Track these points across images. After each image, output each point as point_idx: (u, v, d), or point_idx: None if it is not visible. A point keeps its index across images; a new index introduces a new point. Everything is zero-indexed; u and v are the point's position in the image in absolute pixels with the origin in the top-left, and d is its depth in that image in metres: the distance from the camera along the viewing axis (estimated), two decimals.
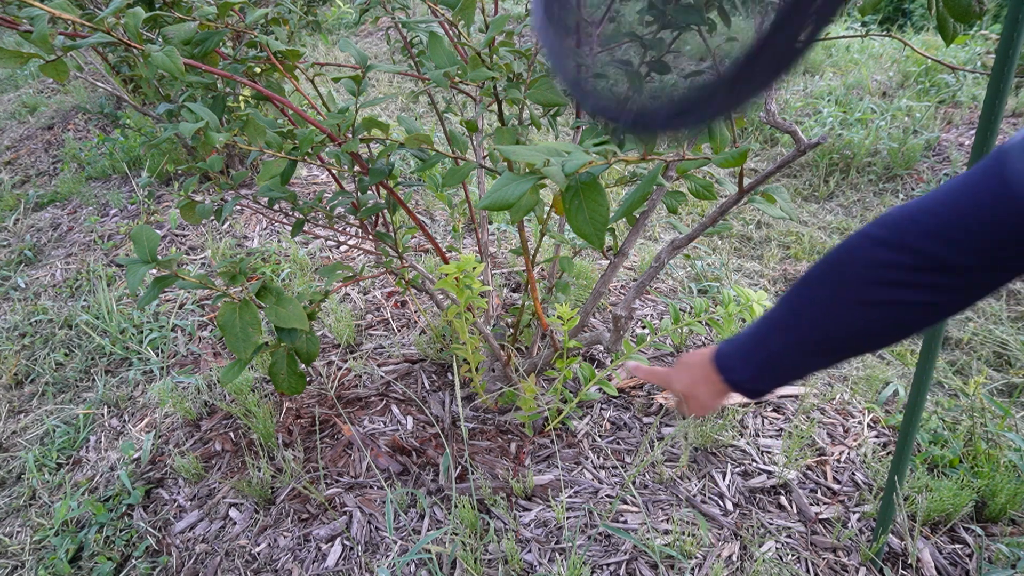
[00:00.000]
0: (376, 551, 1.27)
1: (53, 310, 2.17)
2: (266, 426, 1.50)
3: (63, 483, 1.54)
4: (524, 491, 1.34)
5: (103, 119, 3.75)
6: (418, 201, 2.62)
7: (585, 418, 1.53)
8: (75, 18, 0.89)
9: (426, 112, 3.54)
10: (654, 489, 1.35)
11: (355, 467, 1.45)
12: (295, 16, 1.23)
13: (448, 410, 1.57)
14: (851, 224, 2.54)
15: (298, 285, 2.10)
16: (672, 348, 1.76)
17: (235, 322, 1.02)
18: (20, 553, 1.38)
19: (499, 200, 0.70)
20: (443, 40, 0.96)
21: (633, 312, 1.93)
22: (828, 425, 1.52)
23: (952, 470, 1.38)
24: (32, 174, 3.30)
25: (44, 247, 2.63)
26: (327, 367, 1.76)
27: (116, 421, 1.70)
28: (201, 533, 1.36)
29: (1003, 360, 1.83)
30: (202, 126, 0.93)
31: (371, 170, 1.10)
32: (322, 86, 3.45)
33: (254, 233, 2.48)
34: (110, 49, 2.31)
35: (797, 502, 1.33)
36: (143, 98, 2.80)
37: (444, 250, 1.64)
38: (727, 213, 1.14)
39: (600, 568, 1.20)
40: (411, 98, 1.07)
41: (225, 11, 1.00)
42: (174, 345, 1.93)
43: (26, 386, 1.90)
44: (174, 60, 0.88)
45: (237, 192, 1.28)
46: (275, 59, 1.10)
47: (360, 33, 5.08)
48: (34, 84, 4.77)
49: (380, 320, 1.94)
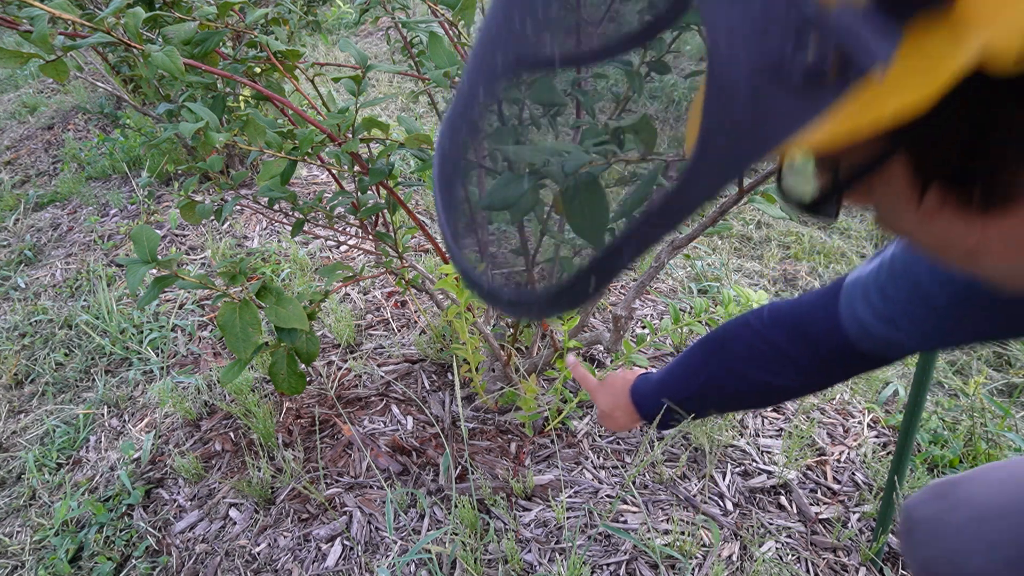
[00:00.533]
0: (376, 551, 1.27)
1: (53, 310, 2.17)
2: (266, 426, 1.50)
3: (63, 483, 1.54)
4: (524, 491, 1.34)
5: (103, 119, 3.75)
6: (418, 201, 2.62)
7: (585, 418, 1.53)
8: (75, 18, 0.89)
9: (426, 112, 3.54)
10: (654, 489, 1.35)
11: (355, 467, 1.45)
12: (295, 16, 1.23)
13: (448, 410, 1.57)
14: (851, 223, 2.55)
15: (298, 285, 2.10)
16: (672, 348, 1.76)
17: (235, 322, 1.02)
18: (20, 553, 1.38)
19: (499, 200, 0.70)
20: (443, 40, 0.96)
21: (633, 312, 1.93)
22: (828, 425, 1.52)
23: (952, 470, 1.38)
24: (32, 174, 3.30)
25: (44, 247, 2.63)
26: (327, 367, 1.76)
27: (116, 421, 1.70)
28: (201, 533, 1.36)
29: (1003, 360, 1.83)
30: (202, 126, 0.93)
31: (371, 170, 1.10)
32: (322, 86, 3.45)
33: (254, 233, 2.48)
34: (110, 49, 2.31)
35: (797, 502, 1.33)
36: (143, 98, 2.80)
37: (444, 250, 1.64)
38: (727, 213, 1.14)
39: (600, 568, 1.20)
40: (411, 98, 1.07)
41: (225, 11, 1.00)
42: (174, 345, 1.93)
43: (26, 386, 1.90)
44: (174, 60, 0.88)
45: (237, 192, 1.28)
46: (275, 59, 1.10)
47: (360, 33, 5.08)
48: (34, 84, 4.77)
49: (380, 320, 1.94)
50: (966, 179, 0.31)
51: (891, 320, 0.60)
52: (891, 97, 0.25)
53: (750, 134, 0.24)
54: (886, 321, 0.60)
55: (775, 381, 0.70)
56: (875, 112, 0.25)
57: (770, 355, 0.70)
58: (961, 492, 0.71)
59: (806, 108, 0.23)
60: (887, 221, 0.37)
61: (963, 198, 0.32)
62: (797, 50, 0.22)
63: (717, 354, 0.75)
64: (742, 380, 0.72)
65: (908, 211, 0.34)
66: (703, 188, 0.26)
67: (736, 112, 0.24)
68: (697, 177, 0.26)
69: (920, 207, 0.33)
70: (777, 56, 0.22)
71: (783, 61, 0.22)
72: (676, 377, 0.80)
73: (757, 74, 0.23)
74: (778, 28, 0.22)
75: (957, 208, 0.32)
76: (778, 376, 0.70)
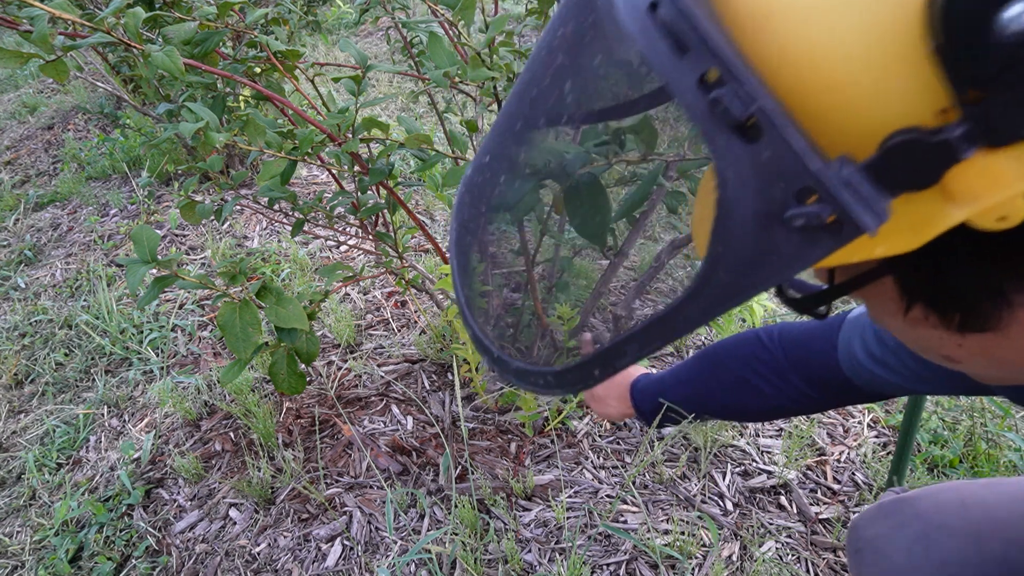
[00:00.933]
0: (376, 551, 1.27)
1: (53, 310, 2.17)
2: (266, 426, 1.50)
3: (63, 483, 1.54)
4: (524, 491, 1.34)
5: (103, 119, 3.75)
6: (418, 201, 2.62)
7: (585, 418, 1.53)
8: (75, 18, 0.89)
9: (426, 112, 3.54)
10: (654, 489, 1.35)
11: (355, 467, 1.45)
12: (295, 16, 1.23)
13: (448, 410, 1.57)
14: None
15: (298, 285, 2.10)
16: (671, 348, 1.76)
17: (235, 322, 1.02)
18: (20, 553, 1.38)
19: (499, 200, 0.70)
20: (443, 40, 0.96)
21: (633, 312, 1.93)
22: (828, 425, 1.52)
23: (952, 470, 1.38)
24: (32, 174, 3.30)
25: (44, 247, 2.63)
26: (327, 367, 1.76)
27: (116, 421, 1.70)
28: (201, 533, 1.36)
29: None
30: (202, 126, 0.93)
31: (371, 170, 1.10)
32: (322, 86, 3.45)
33: (254, 233, 2.48)
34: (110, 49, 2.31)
35: (797, 502, 1.33)
36: (143, 98, 2.80)
37: (444, 250, 1.64)
38: None
39: (600, 568, 1.20)
40: (411, 98, 1.07)
41: (225, 11, 1.00)
42: (174, 345, 1.93)
43: (26, 386, 1.90)
44: (174, 60, 0.88)
45: (237, 192, 1.28)
46: (275, 59, 1.10)
47: (360, 33, 5.08)
48: (34, 84, 4.77)
49: (380, 320, 1.94)
50: (946, 307, 0.34)
51: (884, 362, 0.64)
52: (881, 244, 0.28)
53: (753, 268, 0.26)
54: (879, 362, 0.64)
55: (771, 395, 0.74)
56: (866, 252, 0.28)
57: (771, 370, 0.74)
58: (909, 511, 0.72)
59: (806, 251, 0.25)
60: (876, 317, 0.40)
61: (944, 318, 0.34)
62: (800, 204, 0.24)
63: (724, 359, 0.79)
64: (742, 387, 0.76)
65: (896, 317, 0.36)
66: (701, 312, 0.29)
67: (741, 246, 0.26)
68: (697, 300, 0.29)
69: (905, 316, 0.35)
70: (781, 206, 0.24)
71: (786, 210, 0.24)
72: (679, 378, 0.84)
73: (763, 217, 0.25)
74: (784, 183, 0.24)
75: (939, 323, 0.35)
76: (775, 391, 0.74)
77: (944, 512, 0.69)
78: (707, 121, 0.24)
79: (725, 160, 0.25)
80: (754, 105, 0.23)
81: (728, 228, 0.26)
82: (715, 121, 0.24)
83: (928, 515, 0.69)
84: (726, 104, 0.24)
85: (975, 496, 0.69)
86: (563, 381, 0.37)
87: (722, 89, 0.24)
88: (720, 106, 0.24)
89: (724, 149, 0.24)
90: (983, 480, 0.73)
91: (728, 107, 0.24)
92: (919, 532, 0.68)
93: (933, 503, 0.70)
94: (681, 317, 0.29)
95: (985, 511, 0.67)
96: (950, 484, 0.74)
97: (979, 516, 0.67)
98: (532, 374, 0.39)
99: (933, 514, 0.69)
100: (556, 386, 0.38)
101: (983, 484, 0.71)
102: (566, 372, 0.37)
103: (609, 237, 0.78)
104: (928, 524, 0.69)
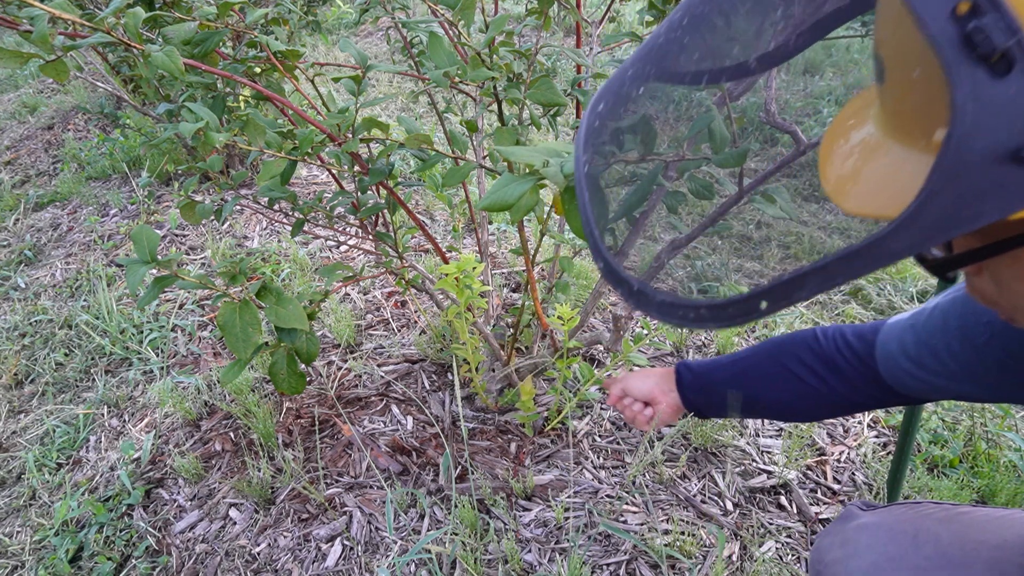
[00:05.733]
0: (376, 551, 1.27)
1: (53, 310, 2.17)
2: (266, 426, 1.50)
3: (63, 483, 1.54)
4: (524, 491, 1.34)
5: (103, 119, 3.75)
6: (418, 201, 2.62)
7: (585, 418, 1.53)
8: (75, 18, 0.89)
9: (426, 112, 3.54)
10: (654, 489, 1.35)
11: (355, 467, 1.45)
12: (295, 16, 1.23)
13: (448, 410, 1.57)
14: (851, 223, 2.54)
15: (298, 285, 2.10)
16: (671, 348, 1.76)
17: (235, 322, 1.02)
18: (20, 553, 1.38)
19: (499, 200, 0.70)
20: (443, 40, 0.96)
21: (633, 312, 1.92)
22: (828, 425, 1.52)
23: (952, 470, 1.38)
24: (32, 174, 3.30)
25: (44, 247, 2.62)
26: (327, 367, 1.76)
27: (116, 421, 1.70)
28: (201, 533, 1.36)
29: None
30: (202, 126, 0.93)
31: (371, 170, 1.10)
32: (322, 86, 3.45)
33: (254, 233, 2.48)
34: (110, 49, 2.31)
35: (797, 502, 1.33)
36: (143, 98, 2.80)
37: (444, 250, 1.64)
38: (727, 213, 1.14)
39: (600, 568, 1.20)
40: (411, 98, 1.07)
41: (225, 11, 1.00)
42: (174, 345, 1.93)
43: (26, 386, 1.90)
44: (174, 60, 0.88)
45: (237, 192, 1.28)
46: (275, 59, 1.10)
47: (360, 33, 5.08)
48: (34, 84, 4.77)
49: (380, 320, 1.94)
50: None
51: (920, 362, 0.67)
52: None
53: (974, 201, 0.26)
54: (914, 361, 0.68)
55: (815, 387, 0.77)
56: None
57: (819, 359, 0.77)
58: (864, 540, 0.75)
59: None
60: (1001, 284, 0.40)
61: None
62: None
63: (775, 350, 0.81)
64: (788, 378, 0.79)
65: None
66: (903, 246, 0.28)
67: (968, 178, 0.26)
68: (904, 233, 0.28)
69: None
70: (1020, 141, 0.25)
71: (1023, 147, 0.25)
72: (726, 364, 0.86)
73: (998, 150, 0.25)
74: None
75: None
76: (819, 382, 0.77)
77: (897, 543, 0.72)
78: (954, 51, 0.25)
79: (965, 92, 0.25)
80: (1016, 36, 0.24)
81: (957, 159, 0.26)
82: (964, 52, 0.25)
83: (880, 546, 0.73)
84: (988, 33, 0.24)
85: (929, 532, 0.71)
86: (720, 314, 0.35)
87: (983, 19, 0.24)
88: (982, 34, 0.24)
89: (968, 81, 0.25)
90: (945, 513, 0.75)
91: (990, 36, 0.24)
92: (870, 564, 0.72)
93: (887, 534, 0.74)
94: (876, 251, 0.29)
95: (936, 548, 0.69)
96: (912, 511, 0.76)
97: (929, 552, 0.69)
98: (680, 307, 0.37)
99: (885, 545, 0.72)
100: (710, 319, 0.36)
101: (942, 519, 0.73)
102: (728, 304, 0.35)
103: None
104: (879, 555, 0.72)
